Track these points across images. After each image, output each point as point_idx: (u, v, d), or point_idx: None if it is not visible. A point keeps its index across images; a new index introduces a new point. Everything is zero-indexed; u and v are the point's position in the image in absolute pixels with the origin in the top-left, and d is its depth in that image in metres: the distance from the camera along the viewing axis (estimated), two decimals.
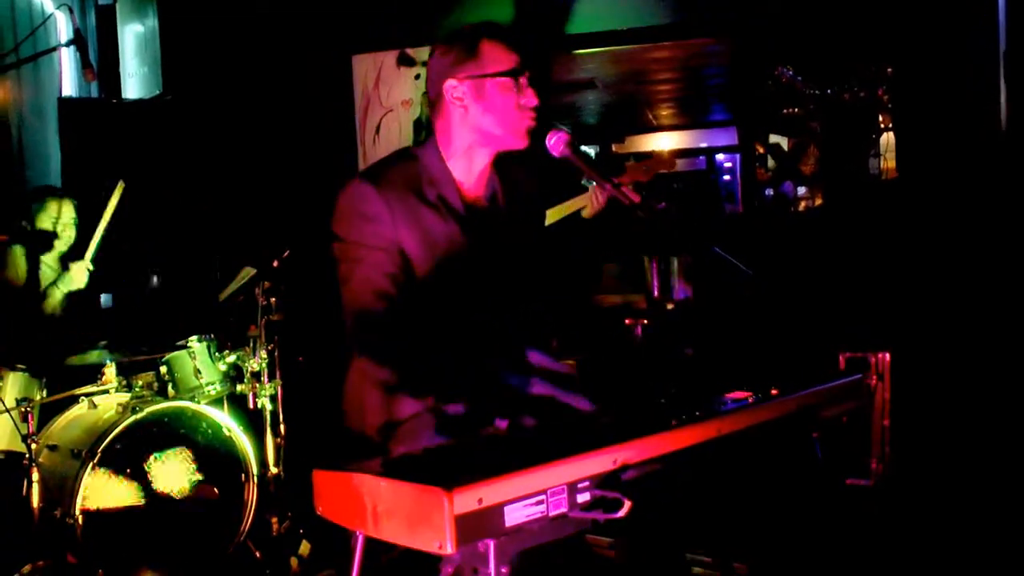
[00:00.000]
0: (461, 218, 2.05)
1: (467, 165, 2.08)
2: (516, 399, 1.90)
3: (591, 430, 1.64)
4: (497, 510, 1.34)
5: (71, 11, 4.08)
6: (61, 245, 4.04)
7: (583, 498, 1.45)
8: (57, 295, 4.03)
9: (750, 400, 1.83)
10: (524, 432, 1.69)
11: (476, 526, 1.32)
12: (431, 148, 2.08)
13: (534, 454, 1.44)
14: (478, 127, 2.03)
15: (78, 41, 3.61)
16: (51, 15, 5.05)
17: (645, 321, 4.14)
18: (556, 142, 2.02)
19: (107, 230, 4.00)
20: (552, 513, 1.41)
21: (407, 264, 2.00)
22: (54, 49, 4.47)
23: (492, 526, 1.34)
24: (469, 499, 1.30)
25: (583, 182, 2.46)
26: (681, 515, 1.67)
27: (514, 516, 1.36)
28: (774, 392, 1.88)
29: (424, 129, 5.44)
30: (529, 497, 1.38)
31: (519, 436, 1.65)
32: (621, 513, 1.43)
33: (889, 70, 6.20)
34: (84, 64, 3.63)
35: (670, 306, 4.30)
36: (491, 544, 1.37)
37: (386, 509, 1.39)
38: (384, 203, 1.98)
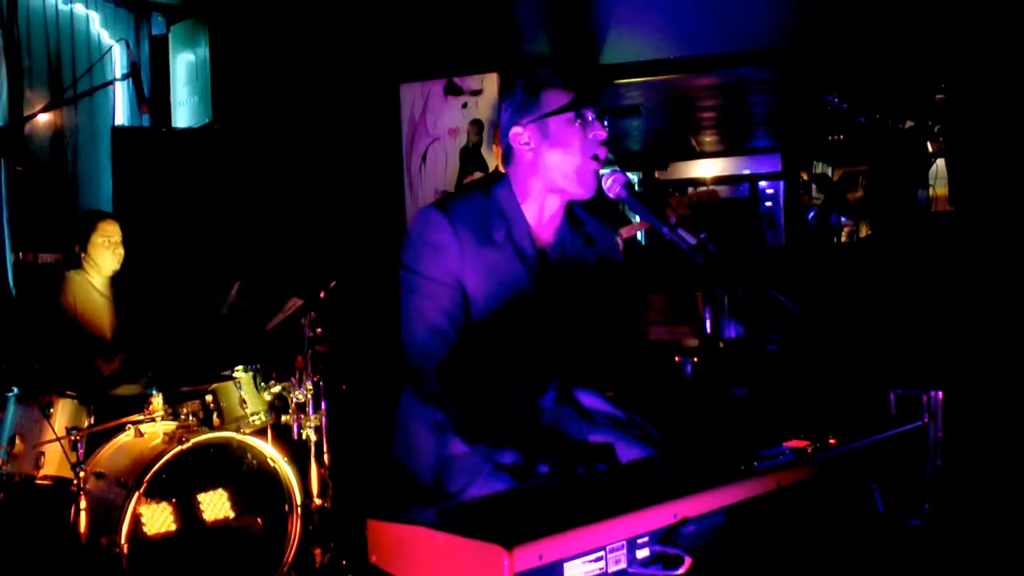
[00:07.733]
0: (528, 262, 2.04)
1: (539, 211, 2.09)
2: (569, 445, 1.87)
3: (650, 482, 1.61)
4: (557, 566, 1.32)
5: (128, 45, 4.16)
6: (113, 266, 4.08)
7: (643, 553, 1.42)
8: (106, 319, 4.07)
9: (808, 450, 1.79)
10: (582, 482, 1.66)
11: None
12: (506, 187, 2.09)
13: (593, 508, 1.41)
14: (547, 169, 2.03)
15: (134, 75, 3.68)
16: (110, 48, 5.16)
17: (695, 359, 4.09)
18: (612, 183, 2.00)
19: None
20: (611, 569, 1.38)
21: (467, 302, 1.99)
22: (111, 83, 4.57)
23: None
24: (529, 556, 1.28)
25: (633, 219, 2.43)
26: (742, 568, 1.63)
27: (573, 572, 1.34)
28: (832, 441, 1.84)
29: (471, 158, 5.45)
30: (589, 553, 1.35)
31: (577, 487, 1.63)
32: (681, 570, 1.40)
33: (939, 97, 6.11)
34: (139, 99, 3.70)
35: (721, 344, 4.24)
36: None
37: (442, 563, 1.37)
38: (453, 234, 1.98)
